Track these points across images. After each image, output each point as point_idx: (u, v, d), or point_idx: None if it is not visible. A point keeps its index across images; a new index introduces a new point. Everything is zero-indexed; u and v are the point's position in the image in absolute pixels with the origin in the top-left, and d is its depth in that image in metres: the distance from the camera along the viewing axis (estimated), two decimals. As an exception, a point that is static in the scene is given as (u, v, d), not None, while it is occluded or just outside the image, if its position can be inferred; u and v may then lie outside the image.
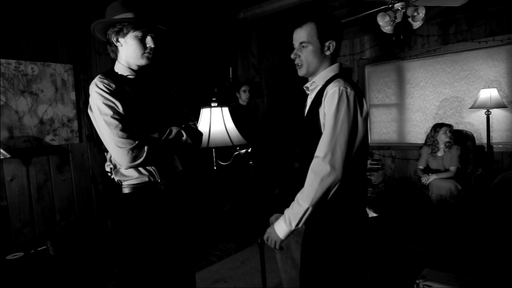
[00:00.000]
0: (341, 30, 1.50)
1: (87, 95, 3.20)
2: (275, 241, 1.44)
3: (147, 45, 1.59)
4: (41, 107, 2.90)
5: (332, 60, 1.52)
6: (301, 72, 1.53)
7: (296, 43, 1.50)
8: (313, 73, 1.52)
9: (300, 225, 1.37)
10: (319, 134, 1.41)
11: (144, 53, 1.59)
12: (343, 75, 1.47)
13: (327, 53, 1.47)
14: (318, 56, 1.47)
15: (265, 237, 1.48)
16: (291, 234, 1.42)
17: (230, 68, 4.41)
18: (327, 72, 1.49)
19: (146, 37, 1.58)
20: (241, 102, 4.25)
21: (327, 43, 1.46)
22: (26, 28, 2.81)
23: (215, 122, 2.19)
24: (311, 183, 1.33)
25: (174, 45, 3.98)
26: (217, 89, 4.18)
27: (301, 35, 1.47)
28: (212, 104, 2.26)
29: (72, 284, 2.83)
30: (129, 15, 1.55)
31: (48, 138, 2.93)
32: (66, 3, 3.04)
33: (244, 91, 4.21)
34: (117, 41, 1.59)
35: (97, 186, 3.24)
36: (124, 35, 1.56)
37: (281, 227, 1.41)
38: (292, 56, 1.52)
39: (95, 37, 1.68)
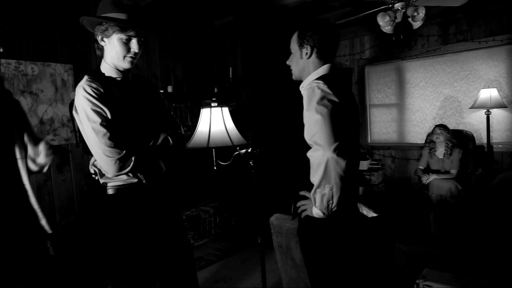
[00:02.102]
0: (321, 36, 1.57)
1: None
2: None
3: (131, 49, 1.54)
4: (41, 107, 2.90)
5: (321, 63, 1.59)
6: (293, 76, 1.69)
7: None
8: (301, 76, 1.65)
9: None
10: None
11: (126, 56, 1.54)
12: (327, 76, 1.54)
13: (305, 57, 1.59)
14: (300, 62, 1.61)
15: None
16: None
17: (230, 68, 4.41)
18: (312, 76, 1.59)
19: (130, 40, 1.53)
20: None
21: (304, 49, 1.58)
22: (26, 28, 2.81)
23: (215, 122, 2.18)
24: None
25: (175, 46, 3.98)
26: (217, 89, 4.18)
27: (291, 43, 1.65)
28: (212, 104, 2.25)
29: (72, 284, 2.83)
30: (121, 15, 1.50)
31: (48, 138, 2.93)
32: (66, 3, 3.04)
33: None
34: (102, 40, 1.55)
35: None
36: (109, 35, 1.52)
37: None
38: (287, 62, 1.69)
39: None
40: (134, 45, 1.53)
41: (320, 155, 1.37)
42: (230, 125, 2.22)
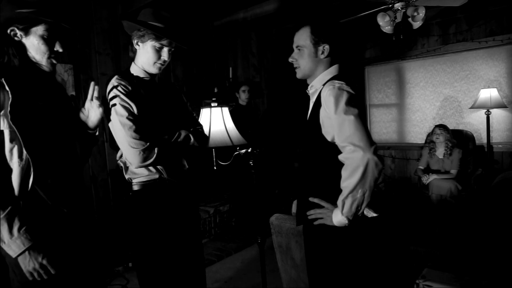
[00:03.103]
0: (337, 34, 1.53)
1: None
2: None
3: (161, 57, 1.67)
4: (41, 107, 2.90)
5: (331, 62, 1.53)
6: (298, 75, 1.57)
7: (294, 47, 1.55)
8: (310, 76, 1.55)
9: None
10: (319, 136, 1.44)
11: (156, 62, 1.67)
12: (341, 76, 1.48)
13: (321, 56, 1.50)
14: (312, 60, 1.51)
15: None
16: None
17: (230, 68, 4.42)
18: (324, 75, 1.51)
19: (162, 48, 1.66)
20: (240, 102, 4.25)
21: (320, 47, 1.49)
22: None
23: (215, 122, 2.19)
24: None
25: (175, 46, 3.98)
26: (217, 89, 4.18)
27: (297, 38, 1.53)
28: (212, 104, 2.26)
29: (72, 284, 2.82)
30: (158, 25, 1.63)
31: (48, 138, 2.93)
32: (66, 3, 3.04)
33: (244, 91, 4.21)
34: (137, 44, 1.67)
35: (97, 186, 3.24)
36: (144, 41, 1.64)
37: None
38: (290, 59, 1.57)
39: (96, 38, 1.72)
40: (165, 53, 1.67)
41: (360, 157, 1.31)
42: (230, 125, 2.23)
